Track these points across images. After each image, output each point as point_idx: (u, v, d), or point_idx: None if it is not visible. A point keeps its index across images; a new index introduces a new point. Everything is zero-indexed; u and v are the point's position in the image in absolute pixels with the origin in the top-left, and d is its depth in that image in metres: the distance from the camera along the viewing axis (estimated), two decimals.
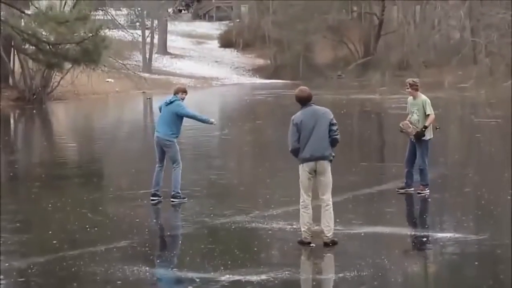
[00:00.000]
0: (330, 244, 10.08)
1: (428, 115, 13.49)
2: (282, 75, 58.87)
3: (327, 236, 10.13)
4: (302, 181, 10.25)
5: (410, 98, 13.81)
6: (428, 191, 13.56)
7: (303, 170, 10.20)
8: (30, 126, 31.33)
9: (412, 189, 13.63)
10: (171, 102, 13.21)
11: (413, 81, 13.80)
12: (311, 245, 10.07)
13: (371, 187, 14.31)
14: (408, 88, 13.71)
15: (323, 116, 10.18)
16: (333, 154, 10.29)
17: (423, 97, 13.71)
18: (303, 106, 10.27)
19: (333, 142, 10.21)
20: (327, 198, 10.23)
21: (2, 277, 9.08)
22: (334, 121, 10.23)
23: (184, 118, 13.28)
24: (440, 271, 9.45)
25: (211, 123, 13.59)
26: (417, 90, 13.67)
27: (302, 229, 10.22)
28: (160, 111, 13.44)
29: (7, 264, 9.50)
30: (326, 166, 10.17)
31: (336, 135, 10.20)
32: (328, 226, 10.14)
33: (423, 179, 13.57)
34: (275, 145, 22.70)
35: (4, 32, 36.23)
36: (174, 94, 13.39)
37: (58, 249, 10.16)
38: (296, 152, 10.24)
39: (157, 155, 13.21)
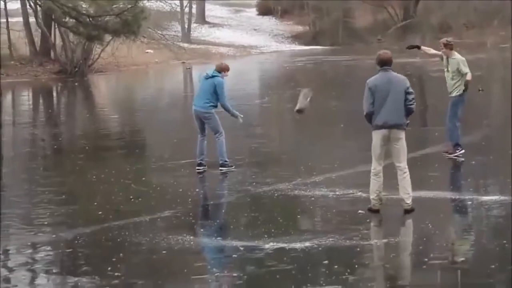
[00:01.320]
0: (410, 211, 9.95)
1: (466, 73, 13.46)
2: (321, 41, 58.49)
3: (407, 203, 9.98)
4: (374, 148, 10.09)
5: (445, 57, 13.79)
6: (461, 151, 13.51)
7: (376, 137, 10.03)
8: (72, 98, 31.60)
9: (462, 151, 13.60)
10: (212, 77, 13.18)
11: (447, 40, 13.81)
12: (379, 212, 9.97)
13: (414, 152, 14.21)
14: (442, 48, 13.68)
15: (399, 84, 9.98)
16: (407, 122, 10.13)
17: (458, 56, 13.65)
18: (380, 70, 10.08)
19: (408, 111, 10.00)
20: (404, 165, 10.06)
21: (49, 248, 9.23)
22: (411, 90, 10.01)
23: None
24: (485, 234, 9.39)
25: (237, 118, 13.43)
26: (451, 49, 13.66)
27: (371, 197, 10.07)
28: (199, 82, 13.44)
29: (54, 236, 9.65)
30: (400, 134, 9.98)
31: (412, 104, 9.99)
32: (407, 193, 9.99)
33: (452, 139, 13.53)
34: (316, 112, 22.64)
35: (45, 6, 36.56)
36: (218, 71, 13.26)
37: (104, 220, 10.29)
38: (370, 116, 10.03)
39: (197, 127, 13.27)
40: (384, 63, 10.09)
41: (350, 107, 23.18)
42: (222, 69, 13.39)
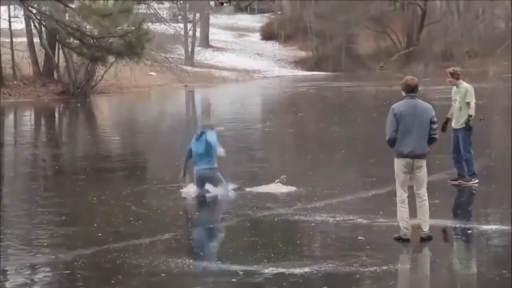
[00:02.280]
0: (427, 239, 9.89)
1: (468, 103, 13.44)
2: (324, 67, 58.66)
3: (424, 231, 9.92)
4: (398, 176, 10.01)
5: (454, 87, 13.77)
6: (476, 181, 13.50)
7: (399, 164, 9.94)
8: (74, 119, 31.64)
9: (465, 179, 13.59)
10: (201, 135, 13.22)
11: (454, 70, 13.76)
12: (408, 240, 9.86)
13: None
14: (449, 78, 13.65)
15: (425, 112, 9.89)
16: (428, 150, 10.09)
17: (465, 85, 13.65)
18: (406, 96, 9.96)
19: (431, 141, 9.98)
20: (423, 192, 10.01)
21: (48, 269, 9.20)
22: (435, 119, 9.97)
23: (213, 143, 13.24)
24: (485, 263, 9.36)
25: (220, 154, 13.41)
26: (458, 78, 13.62)
27: (401, 225, 9.91)
28: (191, 149, 13.37)
29: (53, 257, 9.62)
30: (423, 162, 9.93)
31: (436, 134, 9.97)
32: (425, 221, 9.93)
33: (469, 169, 13.51)
34: (317, 137, 22.67)
35: (49, 27, 36.65)
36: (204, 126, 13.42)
37: (103, 241, 10.26)
38: (393, 142, 9.92)
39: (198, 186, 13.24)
40: (411, 90, 9.97)
41: (352, 133, 23.22)
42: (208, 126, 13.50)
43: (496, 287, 8.37)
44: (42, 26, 37.04)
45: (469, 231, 10.60)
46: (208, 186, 13.18)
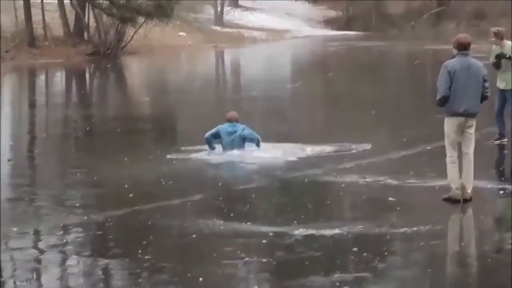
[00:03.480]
0: (469, 200, 9.83)
1: (510, 57, 13.32)
2: (354, 26, 58.18)
3: (467, 193, 9.84)
4: (448, 135, 9.89)
5: (495, 47, 13.63)
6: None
7: (452, 123, 9.82)
8: (104, 80, 31.76)
9: (506, 139, 13.53)
10: (234, 132, 13.23)
11: (498, 30, 13.65)
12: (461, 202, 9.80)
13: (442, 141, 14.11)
14: (493, 38, 13.54)
15: (478, 71, 9.79)
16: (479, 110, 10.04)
17: (509, 43, 13.53)
18: (459, 53, 9.81)
19: (483, 99, 9.90)
20: (471, 152, 9.90)
21: (80, 230, 9.31)
22: (487, 77, 9.89)
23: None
24: None
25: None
26: (502, 39, 13.51)
27: (454, 186, 9.80)
28: (216, 135, 13.32)
29: (85, 217, 9.71)
30: (474, 122, 9.87)
31: (488, 92, 9.89)
32: (470, 182, 9.84)
33: None
34: (347, 97, 22.57)
35: None
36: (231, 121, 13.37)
37: (134, 202, 10.33)
38: (445, 100, 9.76)
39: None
40: (464, 47, 9.82)
41: (382, 93, 23.09)
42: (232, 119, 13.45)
43: None
44: None
45: (501, 192, 10.53)
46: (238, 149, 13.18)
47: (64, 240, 8.92)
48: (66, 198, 10.83)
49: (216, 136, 13.34)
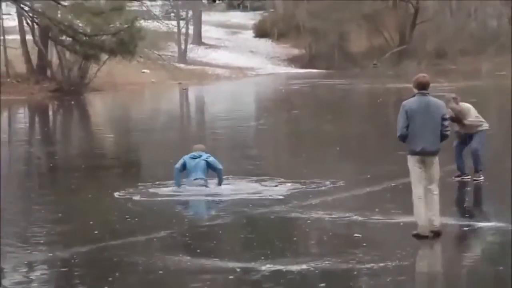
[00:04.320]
0: (437, 234, 9.89)
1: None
2: (317, 64, 58.75)
3: (434, 225, 9.90)
4: (413, 171, 9.98)
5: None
6: (482, 177, 13.64)
7: (413, 161, 9.94)
8: (68, 117, 31.61)
9: (468, 176, 13.69)
10: (199, 156, 13.47)
11: (455, 96, 13.95)
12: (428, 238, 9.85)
13: (409, 177, 14.23)
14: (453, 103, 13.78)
15: (437, 110, 9.89)
16: (440, 148, 10.11)
17: (466, 105, 13.91)
18: (418, 93, 9.94)
19: (443, 138, 9.98)
20: (434, 187, 9.99)
21: (45, 267, 9.21)
22: (446, 116, 10.01)
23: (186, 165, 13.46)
24: (481, 261, 9.40)
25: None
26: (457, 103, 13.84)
27: (420, 223, 9.85)
28: (184, 164, 13.39)
29: (50, 254, 9.61)
30: (435, 159, 9.96)
31: (447, 131, 9.98)
32: (436, 216, 9.92)
33: (482, 163, 13.67)
34: (311, 135, 22.70)
35: (41, 24, 36.63)
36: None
37: (100, 239, 10.26)
38: (403, 138, 9.94)
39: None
40: (422, 87, 9.95)
41: (346, 130, 23.27)
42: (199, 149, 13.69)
43: (493, 283, 8.41)
44: (35, 24, 37.05)
45: (466, 228, 10.63)
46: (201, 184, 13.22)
47: (29, 278, 8.82)
48: (31, 235, 10.72)
49: (185, 166, 13.41)
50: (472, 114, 13.85)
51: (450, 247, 10.13)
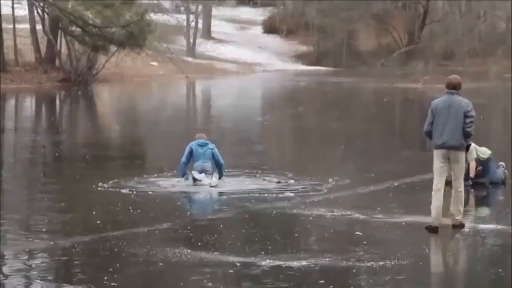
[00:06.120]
0: (459, 227, 10.41)
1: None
2: (325, 62, 58.64)
3: (456, 219, 10.42)
4: (435, 167, 10.52)
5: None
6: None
7: (436, 156, 10.49)
8: (75, 107, 31.67)
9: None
10: (206, 144, 13.55)
11: None
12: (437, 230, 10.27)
13: (413, 176, 14.27)
14: None
15: (459, 106, 10.40)
16: (466, 144, 10.72)
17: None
18: (446, 92, 10.55)
19: (465, 134, 10.45)
20: (458, 184, 10.53)
21: (46, 255, 9.25)
22: (471, 114, 10.44)
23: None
24: (480, 262, 9.42)
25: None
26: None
27: (432, 214, 10.37)
28: (191, 152, 13.45)
29: (52, 243, 9.66)
30: (459, 155, 10.46)
31: (469, 127, 10.43)
32: (458, 210, 10.44)
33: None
34: (316, 132, 22.72)
35: (52, 14, 36.68)
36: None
37: (102, 229, 10.31)
38: (428, 135, 10.59)
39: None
40: (452, 87, 10.56)
41: (351, 128, 23.27)
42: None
43: (492, 285, 8.43)
44: (45, 13, 37.10)
45: (466, 230, 10.64)
46: (206, 177, 13.24)
47: (29, 265, 8.86)
48: (33, 223, 10.78)
49: (191, 154, 13.45)
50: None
51: (451, 247, 10.15)
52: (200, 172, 13.30)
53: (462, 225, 10.48)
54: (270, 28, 67.97)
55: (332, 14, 59.03)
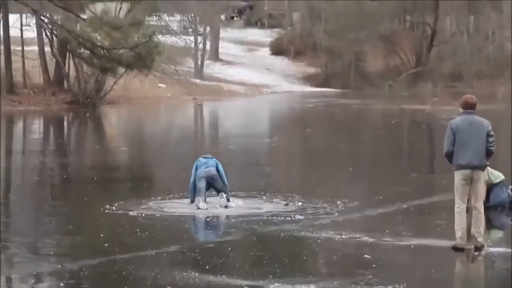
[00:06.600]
0: (480, 248, 10.39)
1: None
2: (333, 83, 58.67)
3: (478, 241, 10.42)
4: (457, 187, 10.51)
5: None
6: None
7: (458, 176, 10.46)
8: (83, 129, 31.72)
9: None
10: (211, 158, 13.70)
11: None
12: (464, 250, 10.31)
13: (422, 199, 14.23)
14: None
15: (481, 126, 10.43)
16: (487, 163, 10.72)
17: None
18: (463, 112, 10.54)
19: (488, 153, 10.48)
20: (480, 205, 10.55)
21: (53, 278, 9.23)
22: (492, 133, 10.48)
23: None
24: (488, 285, 9.36)
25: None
26: None
27: (457, 235, 10.40)
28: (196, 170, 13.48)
29: (59, 266, 9.64)
30: (481, 174, 10.50)
31: (492, 146, 10.47)
32: (479, 232, 10.43)
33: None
34: (324, 154, 22.68)
35: (60, 36, 36.82)
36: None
37: (109, 252, 10.28)
38: (449, 155, 10.51)
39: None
40: (470, 107, 10.54)
41: (359, 150, 23.23)
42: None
43: None
44: (54, 35, 37.25)
45: (475, 253, 10.58)
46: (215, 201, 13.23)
47: None
48: (41, 246, 10.76)
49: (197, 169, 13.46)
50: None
51: (461, 271, 10.09)
52: (208, 184, 13.28)
53: (483, 247, 10.45)
54: (277, 49, 68.12)
55: (339, 35, 59.13)
